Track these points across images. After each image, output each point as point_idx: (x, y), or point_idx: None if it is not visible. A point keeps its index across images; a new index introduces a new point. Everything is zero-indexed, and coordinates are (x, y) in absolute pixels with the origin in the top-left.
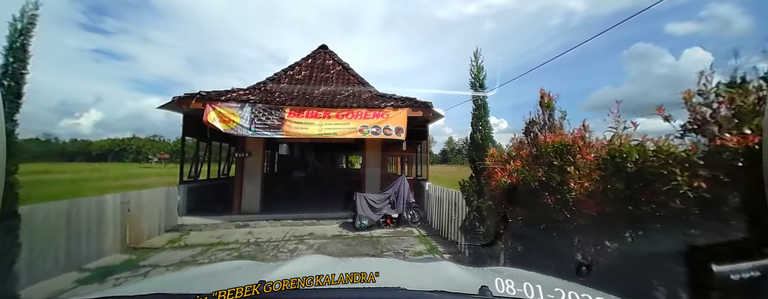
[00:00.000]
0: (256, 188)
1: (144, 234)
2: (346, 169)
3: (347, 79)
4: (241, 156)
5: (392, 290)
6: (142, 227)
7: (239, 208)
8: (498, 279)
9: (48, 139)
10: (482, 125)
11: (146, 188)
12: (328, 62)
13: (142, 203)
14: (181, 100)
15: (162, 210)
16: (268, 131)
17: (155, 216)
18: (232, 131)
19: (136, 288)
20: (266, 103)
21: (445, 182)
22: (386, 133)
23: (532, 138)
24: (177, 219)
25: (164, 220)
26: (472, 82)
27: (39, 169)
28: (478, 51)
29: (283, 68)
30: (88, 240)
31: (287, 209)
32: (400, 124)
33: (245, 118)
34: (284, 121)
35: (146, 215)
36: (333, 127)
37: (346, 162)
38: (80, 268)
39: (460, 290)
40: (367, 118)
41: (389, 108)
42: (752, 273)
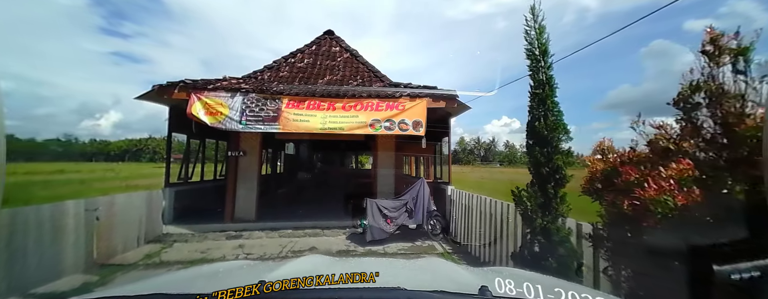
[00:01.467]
0: (251, 192)
1: (117, 247)
2: (355, 170)
3: (356, 67)
4: (233, 155)
5: (392, 290)
6: (114, 239)
7: (232, 216)
8: (498, 279)
9: (68, 140)
10: (548, 108)
11: (156, 188)
12: (334, 49)
13: (117, 210)
14: (162, 89)
15: (142, 217)
16: (262, 124)
17: (133, 225)
18: (219, 124)
19: (136, 288)
20: (261, 92)
21: (465, 185)
22: (402, 127)
23: (707, 117)
24: (161, 228)
25: (145, 230)
26: (528, 49)
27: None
28: (535, 5)
29: (284, 55)
30: (39, 258)
31: (287, 216)
32: (419, 117)
33: (235, 109)
34: (281, 112)
35: (121, 224)
36: (339, 121)
37: (354, 162)
38: (25, 294)
39: (460, 290)
40: (379, 110)
41: (406, 98)
42: (752, 273)
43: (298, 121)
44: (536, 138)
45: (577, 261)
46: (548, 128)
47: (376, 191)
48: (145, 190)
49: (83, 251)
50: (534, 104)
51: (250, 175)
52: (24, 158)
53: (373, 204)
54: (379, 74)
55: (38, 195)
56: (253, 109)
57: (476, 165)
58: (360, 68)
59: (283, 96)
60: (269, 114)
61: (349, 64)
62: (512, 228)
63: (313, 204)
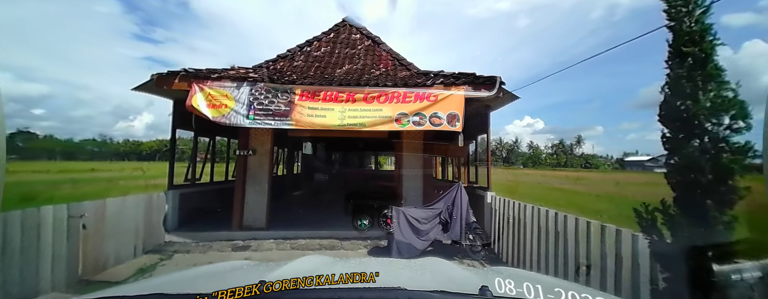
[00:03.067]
0: (261, 196)
1: (108, 259)
2: (377, 172)
3: (378, 55)
4: (242, 155)
5: (392, 290)
6: (105, 250)
7: (240, 223)
8: (498, 279)
9: (103, 140)
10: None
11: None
12: (353, 36)
13: (110, 216)
14: (162, 79)
15: (140, 224)
16: (272, 119)
17: (129, 233)
18: (223, 119)
19: (136, 288)
20: (271, 82)
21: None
22: (434, 122)
23: None
24: (163, 236)
25: (143, 238)
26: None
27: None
28: None
29: (298, 43)
30: (6, 274)
31: (301, 224)
32: (455, 109)
33: (242, 101)
34: (294, 106)
35: (114, 232)
36: (359, 115)
37: (375, 164)
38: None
39: (460, 290)
40: (406, 102)
41: (439, 86)
42: (752, 273)
43: (313, 116)
44: (681, 125)
45: None
46: (707, 108)
47: (402, 196)
48: (145, 193)
49: (64, 265)
50: (678, 71)
51: (260, 177)
52: (63, 157)
53: (401, 213)
54: (405, 62)
55: (59, 194)
56: (262, 102)
57: (498, 166)
58: (383, 56)
59: (296, 86)
60: (280, 107)
61: (370, 51)
62: (611, 260)
63: (330, 210)
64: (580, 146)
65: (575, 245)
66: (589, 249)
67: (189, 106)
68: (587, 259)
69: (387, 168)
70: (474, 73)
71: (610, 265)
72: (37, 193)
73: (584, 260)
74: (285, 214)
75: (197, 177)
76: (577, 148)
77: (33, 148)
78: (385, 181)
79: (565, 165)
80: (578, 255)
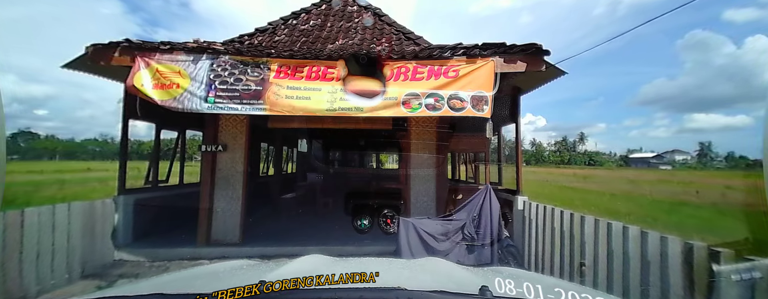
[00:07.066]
0: (235, 203)
1: (28, 287)
2: (378, 172)
3: (381, 28)
4: (208, 151)
5: (392, 290)
6: (23, 275)
7: (207, 236)
8: (498, 279)
9: (104, 139)
10: None
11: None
12: (350, 8)
13: (30, 230)
14: (98, 53)
15: (78, 240)
16: (239, 103)
17: (61, 253)
18: (173, 103)
19: (136, 288)
20: (237, 54)
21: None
22: (454, 105)
23: None
24: (112, 254)
25: (83, 258)
26: None
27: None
28: None
29: (282, 16)
30: None
31: (285, 237)
32: (483, 88)
33: (199, 79)
34: (267, 85)
35: (41, 251)
36: (355, 98)
37: (376, 161)
38: None
39: (460, 290)
40: (417, 79)
41: (461, 59)
42: (752, 274)
43: (293, 98)
44: None
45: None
46: None
47: (409, 202)
48: (88, 200)
49: None
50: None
51: (232, 179)
52: (63, 157)
53: (410, 226)
54: (413, 36)
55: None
56: (226, 80)
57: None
58: (385, 29)
59: (272, 59)
60: (250, 87)
61: (372, 27)
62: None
63: (323, 220)
64: (584, 143)
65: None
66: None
67: (130, 86)
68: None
69: (388, 166)
70: (504, 42)
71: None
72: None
73: (680, 291)
74: (268, 224)
75: (162, 179)
76: (580, 145)
77: (34, 148)
78: (389, 182)
79: (569, 162)
80: (674, 283)
